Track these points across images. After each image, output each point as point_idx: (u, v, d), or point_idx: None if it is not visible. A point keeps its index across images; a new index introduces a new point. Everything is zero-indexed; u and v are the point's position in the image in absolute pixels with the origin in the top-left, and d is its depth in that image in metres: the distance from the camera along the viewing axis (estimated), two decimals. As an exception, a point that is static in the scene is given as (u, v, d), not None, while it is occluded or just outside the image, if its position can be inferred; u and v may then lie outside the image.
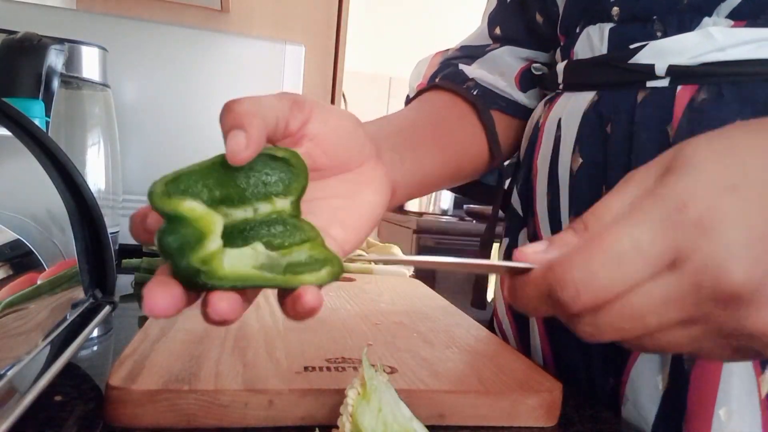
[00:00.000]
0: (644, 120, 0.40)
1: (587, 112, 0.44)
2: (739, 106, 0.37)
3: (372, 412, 0.27)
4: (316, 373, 0.36)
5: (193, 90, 0.96)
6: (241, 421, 0.32)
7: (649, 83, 0.40)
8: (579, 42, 0.46)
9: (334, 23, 1.36)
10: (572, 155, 0.45)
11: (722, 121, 0.35)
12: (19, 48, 0.59)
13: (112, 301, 0.43)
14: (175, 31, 0.97)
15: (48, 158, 0.38)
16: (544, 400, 0.36)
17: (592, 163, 0.43)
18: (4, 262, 0.39)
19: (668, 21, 0.39)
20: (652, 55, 0.39)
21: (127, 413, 0.31)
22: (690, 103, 0.38)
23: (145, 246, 0.72)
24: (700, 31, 0.38)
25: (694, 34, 0.38)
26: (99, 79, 0.77)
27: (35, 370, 0.29)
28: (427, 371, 0.38)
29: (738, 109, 0.37)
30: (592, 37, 0.44)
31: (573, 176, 0.45)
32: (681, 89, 0.39)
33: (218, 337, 0.42)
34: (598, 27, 0.43)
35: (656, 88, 0.40)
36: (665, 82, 0.39)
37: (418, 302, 0.60)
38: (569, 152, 0.45)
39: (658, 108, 0.39)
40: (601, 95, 0.43)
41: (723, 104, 0.37)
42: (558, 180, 0.47)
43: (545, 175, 0.48)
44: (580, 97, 0.45)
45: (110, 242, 0.42)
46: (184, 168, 0.26)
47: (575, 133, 0.45)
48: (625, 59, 0.41)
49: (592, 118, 0.43)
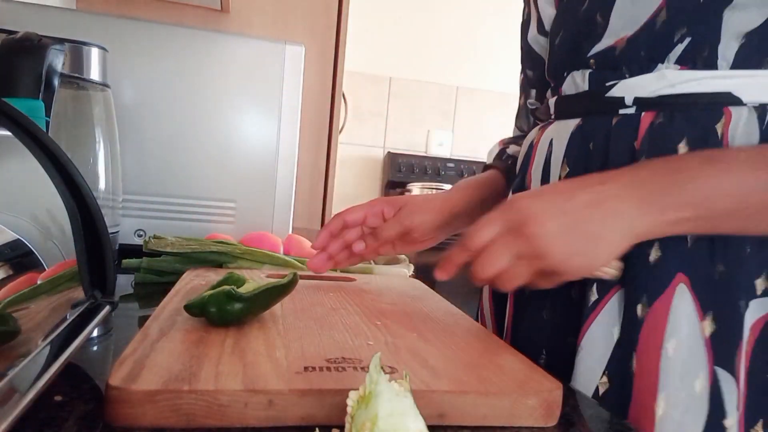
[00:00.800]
0: (617, 138, 0.53)
1: (574, 133, 0.57)
2: (685, 126, 0.49)
3: (368, 417, 0.27)
4: (316, 373, 0.36)
5: (193, 90, 0.96)
6: (241, 421, 0.32)
7: (621, 111, 0.53)
8: (566, 83, 0.59)
9: (334, 23, 1.36)
10: (561, 166, 0.58)
11: (673, 137, 0.49)
12: (19, 48, 0.59)
13: (112, 301, 0.43)
14: (175, 31, 0.97)
15: (48, 158, 0.38)
16: (544, 400, 0.36)
17: (576, 172, 0.56)
18: (4, 262, 0.39)
19: (632, 68, 0.53)
20: (622, 90, 0.53)
21: (126, 413, 0.31)
22: (650, 125, 0.51)
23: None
24: (656, 73, 0.51)
25: (652, 75, 0.51)
26: (99, 79, 0.77)
27: (35, 370, 0.29)
28: (427, 371, 0.38)
29: (685, 128, 0.49)
30: (576, 79, 0.57)
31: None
32: (644, 115, 0.51)
33: (218, 337, 0.42)
34: (581, 72, 0.57)
35: (626, 115, 0.53)
36: (632, 110, 0.52)
37: (418, 302, 0.60)
38: (559, 163, 0.58)
39: (627, 129, 0.52)
40: (585, 120, 0.56)
41: (674, 125, 0.50)
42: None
43: (538, 182, 0.61)
44: (568, 122, 0.58)
45: (110, 242, 0.42)
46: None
47: (564, 149, 0.57)
48: (602, 93, 0.54)
49: (577, 137, 0.56)
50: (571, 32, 0.58)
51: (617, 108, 0.53)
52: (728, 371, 0.47)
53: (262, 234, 0.83)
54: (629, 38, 0.52)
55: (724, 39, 0.48)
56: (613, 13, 0.53)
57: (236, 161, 0.99)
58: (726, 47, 0.48)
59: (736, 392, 0.47)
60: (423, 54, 2.66)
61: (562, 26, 0.60)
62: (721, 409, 0.47)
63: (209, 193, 0.98)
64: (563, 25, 0.60)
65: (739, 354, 0.47)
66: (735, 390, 0.47)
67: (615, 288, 0.51)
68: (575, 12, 0.58)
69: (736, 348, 0.47)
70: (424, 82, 2.68)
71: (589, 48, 0.55)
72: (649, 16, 0.51)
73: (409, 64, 2.65)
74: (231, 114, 0.98)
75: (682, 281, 0.48)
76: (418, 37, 2.64)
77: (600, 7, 0.54)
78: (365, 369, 0.37)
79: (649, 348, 0.49)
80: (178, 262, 0.71)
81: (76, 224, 0.40)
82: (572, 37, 0.58)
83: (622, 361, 0.50)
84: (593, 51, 0.55)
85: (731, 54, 0.48)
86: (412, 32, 2.63)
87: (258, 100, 0.99)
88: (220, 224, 0.99)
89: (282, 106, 1.01)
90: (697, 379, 0.47)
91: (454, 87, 2.70)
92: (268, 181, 1.00)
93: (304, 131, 1.25)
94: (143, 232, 0.94)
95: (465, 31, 2.60)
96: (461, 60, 2.65)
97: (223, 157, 0.98)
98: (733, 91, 0.48)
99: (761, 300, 0.48)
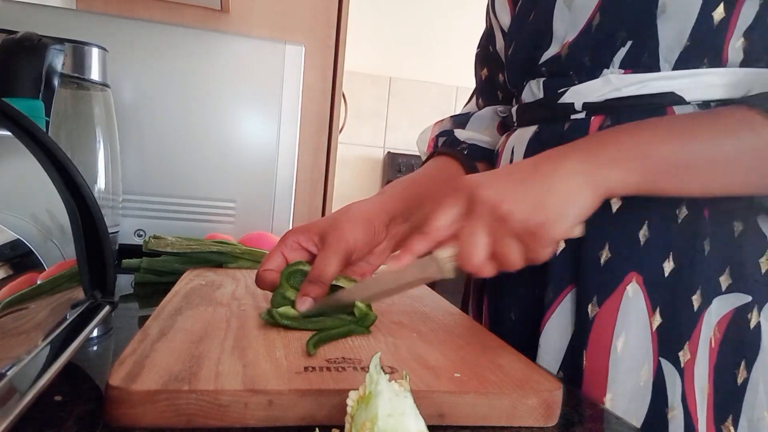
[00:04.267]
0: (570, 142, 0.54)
1: (531, 139, 0.58)
2: None
3: (368, 417, 0.27)
4: (316, 373, 0.36)
5: (193, 90, 0.96)
6: (241, 421, 0.32)
7: (573, 116, 0.54)
8: (524, 91, 0.61)
9: (334, 23, 1.36)
10: None
11: None
12: (19, 48, 0.59)
13: (112, 301, 0.43)
14: (175, 31, 0.97)
15: (48, 158, 0.38)
16: (544, 400, 0.36)
17: None
18: (4, 262, 0.39)
19: (580, 73, 0.54)
20: (572, 96, 0.54)
21: (126, 413, 0.31)
22: (599, 128, 0.52)
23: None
24: (602, 78, 0.52)
25: (599, 80, 0.52)
26: (99, 79, 0.77)
27: (35, 370, 0.29)
28: (427, 371, 0.38)
29: None
30: (533, 88, 0.59)
31: None
32: (594, 119, 0.53)
33: (218, 337, 0.42)
34: (536, 81, 0.58)
35: (577, 120, 0.54)
36: (582, 114, 0.54)
37: (418, 302, 0.60)
38: None
39: (577, 134, 0.52)
40: (541, 127, 0.58)
41: None
42: None
43: None
44: (527, 129, 0.60)
45: (110, 242, 0.42)
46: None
47: (522, 156, 0.59)
48: (555, 100, 0.56)
49: (535, 143, 0.58)
50: (523, 42, 0.60)
51: (569, 114, 0.54)
52: (672, 363, 0.49)
53: (262, 234, 0.83)
54: (570, 44, 0.54)
55: (663, 43, 0.49)
56: (554, 21, 0.55)
57: (236, 161, 0.99)
58: (667, 50, 0.49)
59: (680, 384, 0.49)
60: (423, 54, 2.66)
61: (514, 37, 0.62)
62: (664, 398, 0.49)
63: (209, 193, 0.98)
64: (515, 36, 0.62)
65: (693, 348, 0.49)
66: (679, 382, 0.49)
67: (569, 287, 0.53)
68: (525, 22, 0.60)
69: (683, 343, 0.49)
70: (424, 82, 2.68)
71: (539, 57, 0.57)
72: (585, 21, 0.52)
73: (409, 64, 2.65)
74: (231, 114, 0.98)
75: (635, 279, 0.50)
76: (418, 37, 2.64)
77: (543, 16, 0.56)
78: (365, 369, 0.37)
79: (599, 345, 0.50)
80: (178, 262, 0.71)
81: (76, 224, 0.40)
82: (524, 47, 0.60)
83: (574, 357, 0.52)
84: (543, 59, 0.57)
85: (673, 56, 0.49)
86: (412, 32, 2.63)
87: (258, 100, 0.99)
88: (220, 224, 0.99)
89: (282, 106, 1.01)
90: (642, 370, 0.49)
91: (454, 87, 2.70)
92: (268, 181, 1.00)
93: (304, 131, 1.24)
94: (143, 232, 0.94)
95: (465, 31, 2.60)
96: (461, 60, 2.64)
97: (223, 157, 0.98)
98: (676, 91, 0.49)
99: (727, 296, 0.49)
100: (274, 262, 0.52)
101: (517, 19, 0.62)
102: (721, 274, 0.49)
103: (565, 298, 0.53)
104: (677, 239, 0.49)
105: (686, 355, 0.49)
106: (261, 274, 0.52)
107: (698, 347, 0.49)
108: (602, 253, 0.51)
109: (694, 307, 0.49)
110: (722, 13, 0.47)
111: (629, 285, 0.50)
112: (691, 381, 0.49)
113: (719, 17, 0.47)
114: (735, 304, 0.49)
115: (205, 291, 0.57)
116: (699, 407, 0.49)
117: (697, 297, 0.49)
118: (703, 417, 0.49)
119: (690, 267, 0.49)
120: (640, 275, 0.50)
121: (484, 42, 0.75)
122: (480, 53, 0.76)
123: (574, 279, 0.53)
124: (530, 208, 0.43)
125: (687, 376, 0.49)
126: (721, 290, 0.49)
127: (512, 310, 0.59)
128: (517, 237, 0.43)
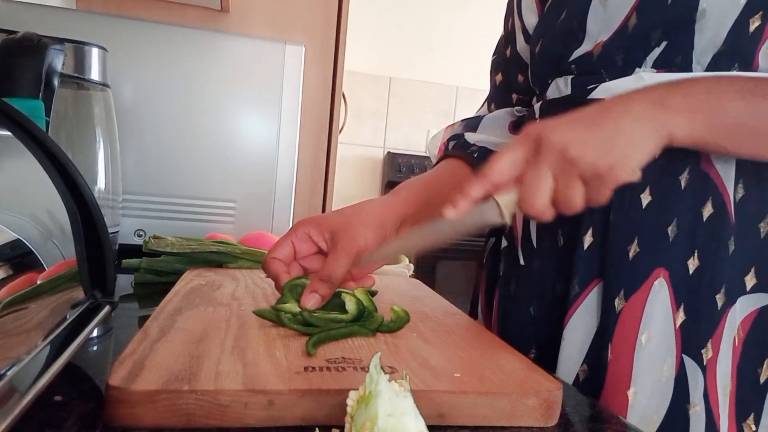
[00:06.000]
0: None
1: None
2: None
3: (368, 417, 0.27)
4: (316, 373, 0.36)
5: (193, 90, 0.96)
6: (240, 421, 0.32)
7: None
8: (550, 89, 0.61)
9: (334, 23, 1.36)
10: None
11: None
12: (19, 48, 0.59)
13: (112, 301, 0.43)
14: (175, 31, 0.97)
15: (48, 158, 0.38)
16: (544, 400, 0.36)
17: None
18: (4, 262, 0.39)
19: (611, 72, 0.55)
20: (602, 92, 0.54)
21: (126, 413, 0.31)
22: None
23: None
24: (634, 75, 0.52)
25: (631, 77, 0.53)
26: (99, 79, 0.77)
27: (35, 370, 0.29)
28: (427, 371, 0.38)
29: None
30: (560, 85, 0.59)
31: None
32: None
33: (218, 337, 0.42)
34: (564, 78, 0.59)
35: None
36: None
37: (418, 302, 0.60)
38: None
39: None
40: None
41: None
42: None
43: None
44: None
45: (110, 242, 0.42)
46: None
47: None
48: (585, 96, 0.56)
49: None
50: (552, 40, 0.60)
51: None
52: (694, 360, 0.49)
53: (262, 234, 0.83)
54: (604, 43, 0.54)
55: (697, 46, 0.50)
56: (588, 20, 0.55)
57: (236, 161, 0.99)
58: (700, 53, 0.50)
59: (702, 381, 0.49)
60: (423, 54, 2.66)
61: (543, 34, 0.62)
62: (686, 394, 0.49)
63: (209, 193, 0.98)
64: (544, 34, 0.62)
65: (715, 346, 0.49)
66: (701, 379, 0.49)
67: (595, 281, 0.53)
68: (555, 20, 0.60)
69: (706, 340, 0.50)
70: (424, 82, 2.68)
71: (569, 54, 0.58)
72: (621, 21, 0.53)
73: (409, 64, 2.65)
74: (231, 114, 0.98)
75: (662, 275, 0.50)
76: (418, 37, 2.64)
77: (576, 15, 0.56)
78: (365, 369, 0.37)
79: (624, 339, 0.51)
80: (178, 262, 0.71)
81: (76, 224, 0.40)
82: (553, 45, 0.60)
83: (599, 351, 0.52)
84: (573, 57, 0.57)
85: (706, 59, 0.50)
86: (412, 32, 2.63)
87: (258, 99, 0.99)
88: (220, 224, 0.98)
89: (282, 106, 1.01)
90: (664, 365, 0.50)
91: (454, 87, 2.70)
92: (268, 181, 1.00)
93: (304, 131, 1.24)
94: (143, 232, 0.94)
95: (465, 31, 2.60)
96: (461, 60, 2.65)
97: (223, 157, 0.98)
98: None
99: (751, 296, 0.49)
100: (283, 251, 0.53)
101: (545, 17, 0.63)
102: (746, 274, 0.50)
103: (591, 292, 0.53)
104: (701, 237, 0.50)
105: (709, 352, 0.49)
106: (268, 260, 0.52)
107: (721, 345, 0.49)
108: (631, 247, 0.51)
109: (718, 306, 0.49)
110: (759, 21, 0.48)
111: (656, 280, 0.50)
112: (713, 378, 0.49)
113: (755, 24, 0.48)
114: (759, 304, 0.50)
115: (205, 291, 0.57)
116: (721, 404, 0.49)
117: (721, 295, 0.49)
118: (725, 414, 0.49)
119: (714, 266, 0.49)
120: (667, 271, 0.50)
121: (501, 47, 0.75)
122: (496, 59, 0.77)
123: (600, 273, 0.53)
124: (599, 152, 0.43)
125: (709, 373, 0.49)
126: (746, 290, 0.50)
127: (531, 304, 0.59)
128: (583, 180, 0.44)
